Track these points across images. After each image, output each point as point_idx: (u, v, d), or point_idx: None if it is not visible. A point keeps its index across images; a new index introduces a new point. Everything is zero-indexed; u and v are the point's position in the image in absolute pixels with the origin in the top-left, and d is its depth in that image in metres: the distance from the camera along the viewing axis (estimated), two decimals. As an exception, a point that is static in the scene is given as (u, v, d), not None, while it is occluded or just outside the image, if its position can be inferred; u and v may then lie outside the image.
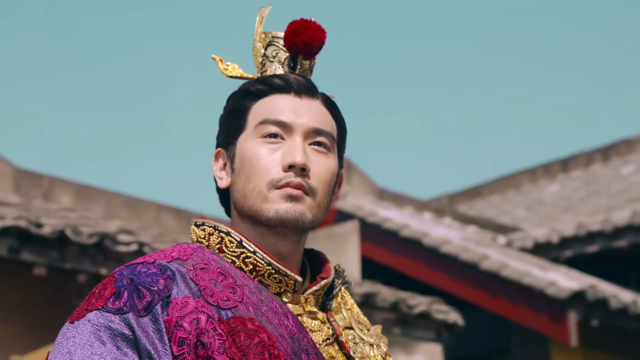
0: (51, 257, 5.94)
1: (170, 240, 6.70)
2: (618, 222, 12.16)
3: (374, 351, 1.78)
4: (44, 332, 6.26)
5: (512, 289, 10.55)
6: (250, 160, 1.74)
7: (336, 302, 1.80)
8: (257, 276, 1.73)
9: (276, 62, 1.82)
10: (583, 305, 10.23)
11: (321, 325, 1.74)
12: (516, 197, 16.58)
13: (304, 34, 1.77)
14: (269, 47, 1.83)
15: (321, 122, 1.78)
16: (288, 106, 1.77)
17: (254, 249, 1.73)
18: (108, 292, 1.65)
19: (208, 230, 1.79)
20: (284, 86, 1.78)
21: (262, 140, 1.75)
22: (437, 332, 7.20)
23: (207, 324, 1.60)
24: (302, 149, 1.74)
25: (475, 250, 10.91)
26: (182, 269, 1.68)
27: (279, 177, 1.73)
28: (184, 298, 1.63)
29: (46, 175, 7.09)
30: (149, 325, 1.60)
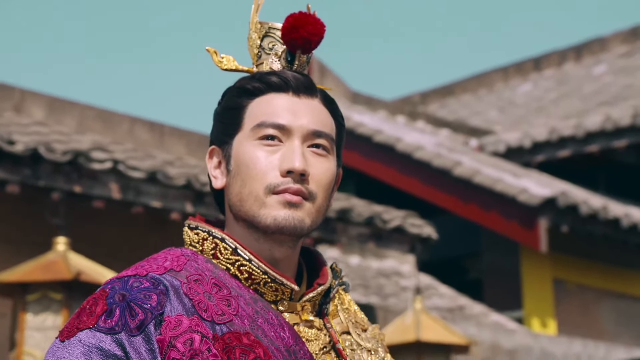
0: (24, 175, 5.88)
1: (143, 155, 6.64)
2: (590, 127, 12.20)
3: (372, 358, 1.75)
4: (18, 246, 6.24)
5: (484, 195, 10.61)
6: (246, 164, 1.68)
7: (333, 305, 1.77)
8: (253, 284, 1.68)
9: (273, 55, 1.75)
10: (554, 212, 10.32)
11: (318, 333, 1.71)
12: (488, 97, 16.56)
13: (303, 29, 1.70)
14: (265, 39, 1.76)
15: (320, 123, 1.71)
16: (286, 107, 1.70)
17: (249, 257, 1.68)
18: (99, 309, 1.60)
19: (202, 235, 1.72)
20: (282, 85, 1.71)
21: (259, 142, 1.69)
22: (411, 246, 7.25)
23: (201, 344, 1.56)
24: (301, 153, 1.68)
25: (448, 156, 10.93)
26: (175, 282, 1.63)
27: (277, 183, 1.67)
28: (177, 316, 1.58)
29: (17, 87, 6.97)
30: (142, 345, 1.56)
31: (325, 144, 1.72)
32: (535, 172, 12.06)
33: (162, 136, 7.24)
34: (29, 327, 5.47)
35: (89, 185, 6.03)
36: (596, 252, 11.31)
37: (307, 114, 1.71)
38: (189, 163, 6.99)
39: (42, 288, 5.47)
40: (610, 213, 10.79)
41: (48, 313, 5.46)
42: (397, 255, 9.81)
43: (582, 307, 11.31)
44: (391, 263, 10.18)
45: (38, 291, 5.49)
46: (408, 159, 11.03)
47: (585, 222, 10.62)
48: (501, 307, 10.67)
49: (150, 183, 6.17)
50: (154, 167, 6.24)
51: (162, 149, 7.16)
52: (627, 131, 12.23)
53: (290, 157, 1.67)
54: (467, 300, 10.24)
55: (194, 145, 7.33)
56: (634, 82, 14.34)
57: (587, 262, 11.35)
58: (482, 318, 9.86)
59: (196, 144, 7.34)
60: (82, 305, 1.64)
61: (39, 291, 5.48)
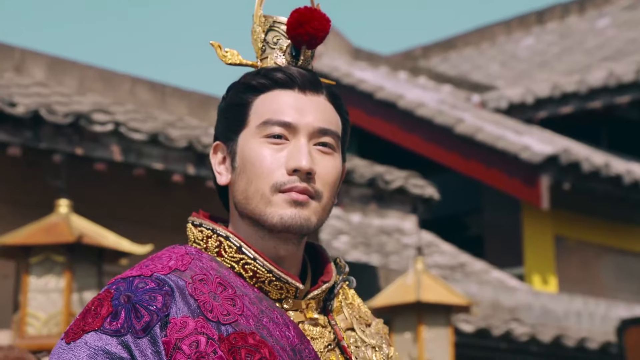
0: (25, 137, 5.86)
1: (145, 116, 6.62)
2: (593, 83, 12.15)
3: (376, 355, 1.75)
4: (20, 208, 6.25)
5: (485, 152, 10.60)
6: (252, 161, 1.67)
7: (337, 301, 1.76)
8: (257, 283, 1.68)
9: (277, 50, 1.73)
10: (555, 169, 10.32)
11: (322, 330, 1.71)
12: (490, 50, 16.48)
13: (309, 25, 1.68)
14: (270, 32, 1.74)
15: (326, 120, 1.70)
16: (292, 105, 1.68)
17: (254, 256, 1.68)
18: (105, 310, 1.59)
19: (206, 233, 1.72)
20: (288, 81, 1.70)
21: (265, 140, 1.68)
22: (412, 206, 7.24)
23: (207, 347, 1.56)
24: (307, 152, 1.66)
25: (450, 113, 10.90)
26: (180, 282, 1.62)
27: (283, 181, 1.66)
28: (182, 318, 1.58)
29: (17, 47, 6.94)
30: (148, 347, 1.56)
31: (331, 142, 1.71)
32: (538, 128, 12.04)
33: (164, 96, 7.22)
34: (32, 290, 5.49)
35: (90, 147, 6.01)
36: (597, 209, 11.32)
37: (313, 111, 1.69)
38: (190, 124, 6.97)
39: (44, 251, 5.49)
40: (612, 170, 10.79)
41: (51, 275, 5.48)
42: (398, 214, 9.83)
43: (583, 264, 11.34)
44: (393, 221, 10.20)
45: (40, 254, 5.50)
46: (410, 116, 11.00)
47: (587, 179, 10.61)
48: (502, 264, 10.71)
49: (152, 145, 6.16)
50: (155, 129, 6.23)
51: (163, 109, 7.14)
52: (630, 87, 12.19)
53: (296, 156, 1.66)
54: (468, 258, 10.27)
55: (196, 105, 7.31)
56: (638, 36, 14.26)
57: (588, 219, 11.36)
58: (482, 275, 9.90)
59: (198, 105, 7.32)
60: (87, 306, 1.63)
61: (42, 254, 5.50)
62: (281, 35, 1.73)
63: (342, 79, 11.04)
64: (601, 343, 8.90)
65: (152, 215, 6.73)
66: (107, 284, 1.66)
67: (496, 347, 8.35)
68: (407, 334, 6.69)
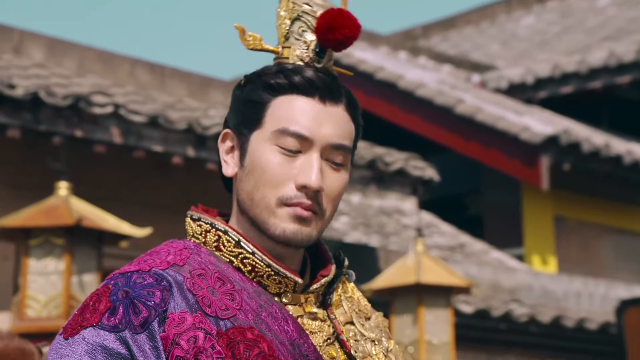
0: (25, 119, 5.86)
1: (144, 98, 6.61)
2: (593, 63, 12.13)
3: (376, 348, 1.74)
4: (20, 190, 6.24)
5: (486, 133, 10.59)
6: (262, 167, 1.65)
7: (336, 295, 1.75)
8: (256, 277, 1.66)
9: (302, 42, 1.68)
10: (555, 150, 10.31)
11: (321, 324, 1.70)
12: (491, 29, 16.43)
13: (339, 31, 1.64)
14: (296, 22, 1.69)
15: (342, 135, 1.67)
16: (310, 115, 1.65)
17: (252, 250, 1.67)
18: (103, 306, 1.59)
19: (205, 227, 1.70)
20: (309, 89, 1.65)
21: (278, 148, 1.65)
22: (412, 188, 7.25)
23: (205, 342, 1.56)
24: (318, 169, 1.64)
25: (451, 93, 10.88)
26: (178, 277, 1.61)
27: (291, 195, 1.64)
28: (180, 313, 1.57)
29: (16, 28, 6.92)
30: (146, 342, 1.55)
31: (343, 159, 1.69)
32: (538, 108, 12.02)
33: (163, 78, 7.20)
34: (32, 272, 5.50)
35: (90, 129, 6.01)
36: (597, 189, 11.32)
37: (330, 124, 1.66)
38: (190, 106, 6.96)
39: (44, 233, 5.49)
40: (612, 150, 10.78)
41: (50, 258, 5.48)
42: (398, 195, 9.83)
43: (583, 244, 11.35)
44: (392, 201, 10.20)
45: (40, 236, 5.50)
46: (410, 96, 10.98)
47: (587, 160, 10.61)
48: (502, 245, 10.72)
49: (152, 127, 6.15)
50: (155, 111, 6.22)
51: (163, 91, 7.13)
52: (631, 67, 12.17)
53: (307, 172, 1.64)
54: (468, 238, 10.28)
55: (195, 87, 7.30)
56: (639, 15, 14.22)
57: (588, 199, 11.37)
58: (482, 256, 9.90)
59: (197, 86, 7.30)
60: (85, 302, 1.62)
61: (41, 236, 5.50)
62: (307, 27, 1.69)
63: (342, 59, 11.00)
64: (600, 323, 8.92)
65: (152, 198, 6.73)
66: (106, 279, 1.65)
67: (496, 327, 8.37)
68: (407, 316, 6.70)
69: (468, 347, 7.96)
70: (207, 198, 6.96)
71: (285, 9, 1.70)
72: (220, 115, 6.93)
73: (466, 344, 7.80)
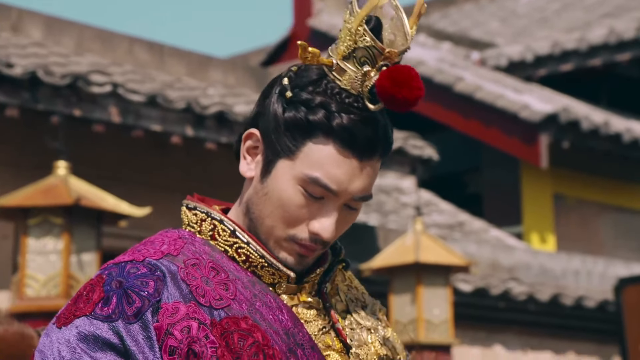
0: (23, 99, 5.84)
1: (143, 77, 6.60)
2: (593, 40, 12.10)
3: (372, 337, 1.72)
4: (18, 169, 6.24)
5: (485, 111, 10.58)
6: (282, 203, 1.64)
7: (332, 283, 1.75)
8: (250, 267, 1.66)
9: (359, 75, 1.61)
10: (555, 128, 10.31)
11: (317, 313, 1.70)
12: (490, 6, 16.38)
13: (402, 91, 1.57)
14: (361, 50, 1.61)
15: (368, 187, 1.65)
16: (344, 170, 1.61)
17: (247, 240, 1.67)
18: (96, 296, 1.59)
19: (200, 216, 1.70)
20: (349, 142, 1.61)
21: (303, 191, 1.63)
22: (412, 167, 7.25)
23: (198, 332, 1.56)
24: (334, 222, 1.64)
25: (450, 72, 10.86)
26: (172, 267, 1.61)
27: (302, 237, 1.65)
28: (174, 303, 1.57)
29: (14, 6, 6.89)
30: (139, 332, 1.56)
31: (362, 203, 1.68)
32: (537, 86, 12.00)
33: (162, 56, 7.18)
34: (31, 251, 5.49)
35: (88, 108, 6.00)
36: (596, 167, 11.33)
37: (361, 180, 1.63)
38: (189, 85, 6.94)
39: (43, 212, 5.48)
40: (612, 128, 10.78)
41: (49, 237, 5.48)
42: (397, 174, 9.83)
43: (582, 222, 11.36)
44: (391, 180, 10.20)
45: (39, 215, 5.49)
46: (409, 74, 10.95)
47: (587, 138, 10.61)
48: (501, 223, 10.73)
49: (150, 106, 6.14)
50: (153, 90, 6.21)
51: (161, 69, 7.11)
52: (631, 44, 12.14)
53: (323, 223, 1.64)
54: (467, 216, 10.28)
55: (194, 66, 7.28)
56: (638, -8, 14.18)
57: (587, 177, 11.37)
58: (481, 234, 9.91)
59: (196, 65, 7.28)
60: (79, 292, 1.63)
61: (40, 215, 5.49)
62: (369, 60, 1.61)
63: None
64: (599, 301, 8.94)
65: (151, 177, 6.73)
66: (100, 269, 1.65)
67: (494, 306, 8.38)
68: (405, 295, 6.72)
69: (467, 325, 7.99)
70: (205, 177, 6.98)
71: (356, 28, 1.61)
72: (220, 94, 6.92)
73: (465, 322, 7.82)
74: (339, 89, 1.62)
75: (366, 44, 1.61)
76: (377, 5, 1.61)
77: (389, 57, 1.61)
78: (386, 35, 1.63)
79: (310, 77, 1.65)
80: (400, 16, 1.63)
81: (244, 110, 6.51)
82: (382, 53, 1.61)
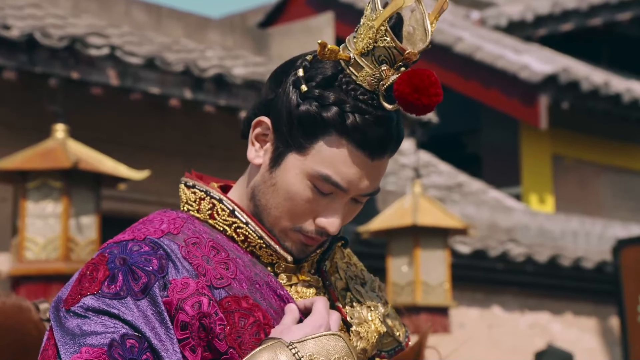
0: (20, 61, 5.82)
1: (141, 39, 6.57)
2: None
3: (372, 314, 1.72)
4: (17, 132, 6.23)
5: (484, 72, 10.55)
6: (290, 196, 1.63)
7: (331, 261, 1.75)
8: (249, 247, 1.66)
9: (376, 73, 1.59)
10: (554, 89, 10.28)
11: (316, 292, 1.69)
12: (491, -35, 16.29)
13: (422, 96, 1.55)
14: (380, 49, 1.58)
15: (377, 183, 1.65)
16: (354, 170, 1.61)
17: (246, 220, 1.66)
18: (101, 274, 1.57)
19: (199, 195, 1.69)
20: (363, 144, 1.60)
21: (312, 187, 1.63)
22: (411, 130, 7.23)
23: (209, 307, 1.56)
24: (341, 217, 1.65)
25: (450, 32, 10.82)
26: (173, 245, 1.60)
27: (308, 230, 1.65)
28: (183, 279, 1.57)
29: (11, -33, 6.84)
30: (148, 308, 1.55)
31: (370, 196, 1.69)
32: (537, 46, 11.96)
33: (160, 18, 7.14)
34: (30, 215, 5.50)
35: (86, 71, 5.97)
36: (596, 127, 11.31)
37: (370, 178, 1.63)
38: (187, 47, 6.91)
39: (41, 176, 5.48)
40: (612, 88, 10.75)
41: (48, 201, 5.48)
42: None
43: (580, 182, 11.37)
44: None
45: (37, 179, 5.49)
46: (409, 34, 10.90)
47: (586, 98, 10.58)
48: (499, 184, 10.73)
49: (149, 69, 6.11)
50: (151, 53, 6.18)
51: (159, 31, 7.07)
52: (631, 3, 12.08)
53: (330, 219, 1.64)
54: (466, 177, 10.28)
55: (192, 27, 7.24)
56: (640, -49, 14.08)
57: (586, 137, 11.36)
58: (480, 195, 9.92)
59: (194, 27, 7.25)
60: (82, 272, 1.61)
61: (39, 179, 5.49)
62: (388, 60, 1.59)
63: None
64: (597, 262, 8.97)
65: (149, 140, 6.72)
66: (100, 248, 1.64)
67: (493, 267, 8.41)
68: (403, 257, 6.73)
69: (465, 287, 8.02)
70: (204, 140, 6.97)
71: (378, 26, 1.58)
72: (218, 56, 6.89)
73: (463, 284, 7.85)
74: (355, 84, 1.61)
75: (386, 44, 1.59)
76: (401, 7, 1.58)
77: (408, 58, 1.59)
78: (405, 28, 1.61)
79: (325, 70, 1.63)
80: (422, 10, 1.61)
81: (242, 73, 6.49)
82: (402, 54, 1.58)
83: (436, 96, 1.58)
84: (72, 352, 1.53)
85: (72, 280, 1.62)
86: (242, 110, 6.34)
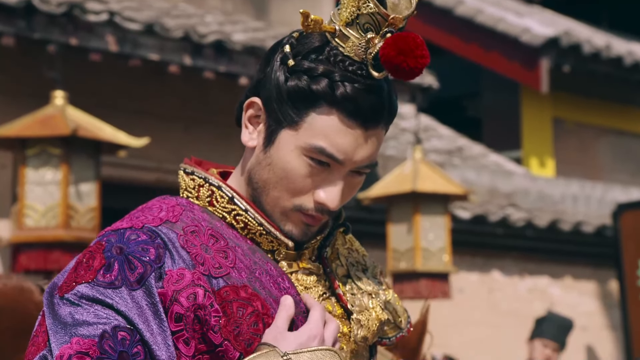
0: (19, 27, 5.77)
1: (140, 4, 6.52)
2: (596, -39, 11.97)
3: (373, 302, 1.71)
4: (16, 98, 6.20)
5: (485, 35, 10.50)
6: (287, 173, 1.62)
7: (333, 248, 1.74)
8: (249, 234, 1.65)
9: (363, 42, 1.57)
10: (556, 52, 10.23)
11: (317, 279, 1.69)
12: None
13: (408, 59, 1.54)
14: (364, 16, 1.57)
15: (374, 155, 1.64)
16: (349, 140, 1.59)
17: (245, 207, 1.65)
18: (97, 263, 1.56)
19: (198, 181, 1.68)
20: (354, 114, 1.58)
21: (309, 161, 1.61)
22: (411, 95, 7.20)
23: (204, 299, 1.55)
24: (340, 190, 1.63)
25: (450, -6, 10.75)
26: (171, 234, 1.59)
27: (308, 207, 1.63)
28: (179, 270, 1.56)
29: None
30: (143, 299, 1.54)
31: (367, 170, 1.67)
32: (539, 8, 11.89)
33: (159, -17, 7.08)
34: (29, 182, 5.50)
35: (85, 37, 5.93)
36: (596, 90, 11.27)
37: (366, 149, 1.62)
38: (186, 11, 6.87)
39: (40, 143, 5.47)
40: (613, 51, 10.70)
41: (47, 168, 5.47)
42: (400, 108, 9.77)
43: (581, 145, 11.35)
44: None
45: (37, 146, 5.49)
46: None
47: (588, 61, 10.53)
48: (500, 147, 10.71)
49: (148, 35, 6.07)
50: (150, 19, 6.14)
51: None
52: (633, -34, 12.01)
53: (329, 195, 1.63)
54: (466, 141, 10.26)
55: (192, -9, 7.18)
56: None
57: (586, 100, 11.32)
58: (480, 159, 9.91)
59: (193, -9, 7.19)
60: (78, 259, 1.60)
61: (38, 146, 5.48)
62: (373, 27, 1.58)
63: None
64: (597, 226, 8.97)
65: (149, 106, 6.69)
66: (97, 236, 1.63)
67: (492, 232, 8.41)
68: (403, 223, 6.74)
69: (465, 252, 8.03)
70: (203, 106, 6.95)
71: None
72: (218, 21, 6.85)
73: (463, 249, 7.86)
74: (342, 56, 1.60)
75: (370, 11, 1.58)
76: None
77: (393, 24, 1.57)
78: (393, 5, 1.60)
79: (312, 44, 1.62)
80: None
81: (241, 39, 6.45)
82: (386, 19, 1.57)
83: (422, 58, 1.56)
84: (63, 342, 1.51)
85: (68, 267, 1.61)
86: (241, 77, 6.31)
